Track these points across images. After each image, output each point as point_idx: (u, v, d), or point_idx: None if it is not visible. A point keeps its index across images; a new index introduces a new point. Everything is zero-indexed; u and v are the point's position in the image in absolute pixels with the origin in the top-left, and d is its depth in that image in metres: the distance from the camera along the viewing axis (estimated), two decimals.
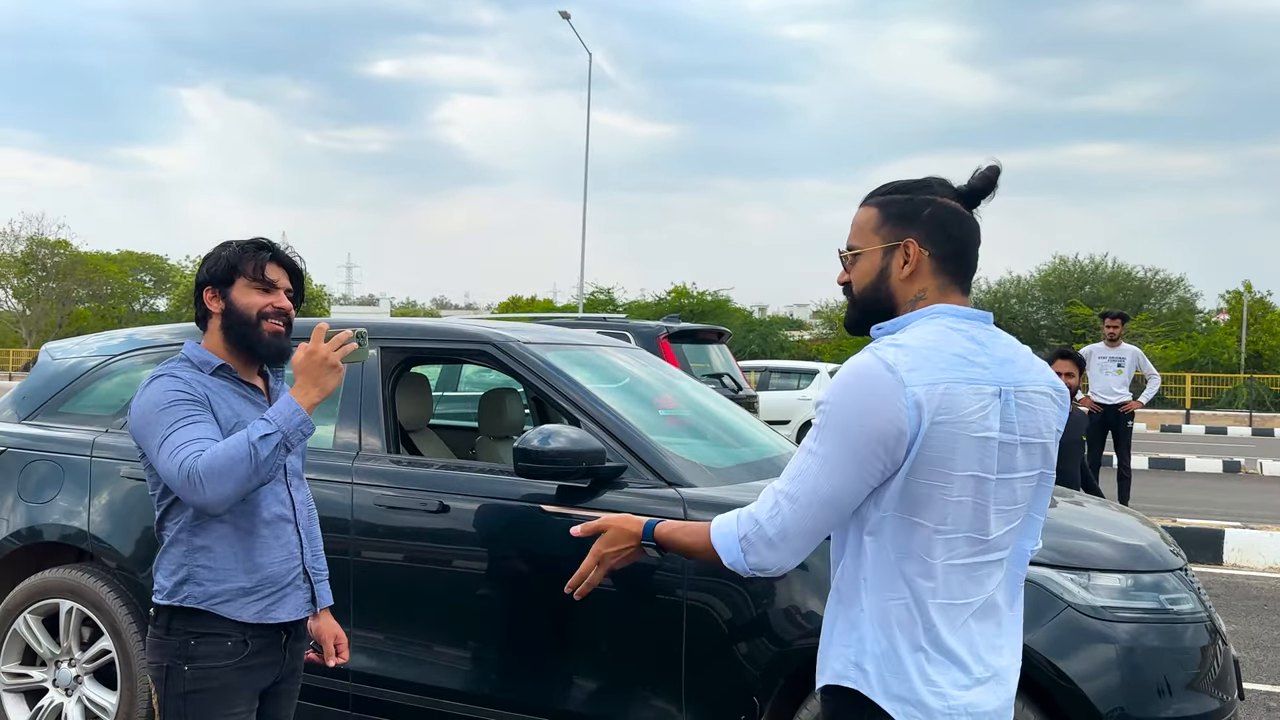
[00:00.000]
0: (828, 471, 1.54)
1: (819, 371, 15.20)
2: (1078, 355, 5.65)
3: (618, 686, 2.99)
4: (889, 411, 1.51)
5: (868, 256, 1.71)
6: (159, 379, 2.14)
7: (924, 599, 1.56)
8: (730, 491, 3.02)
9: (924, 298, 1.66)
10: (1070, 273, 38.14)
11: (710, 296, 38.13)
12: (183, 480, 1.99)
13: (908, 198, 1.69)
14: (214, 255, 2.24)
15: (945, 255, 1.66)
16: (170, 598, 2.14)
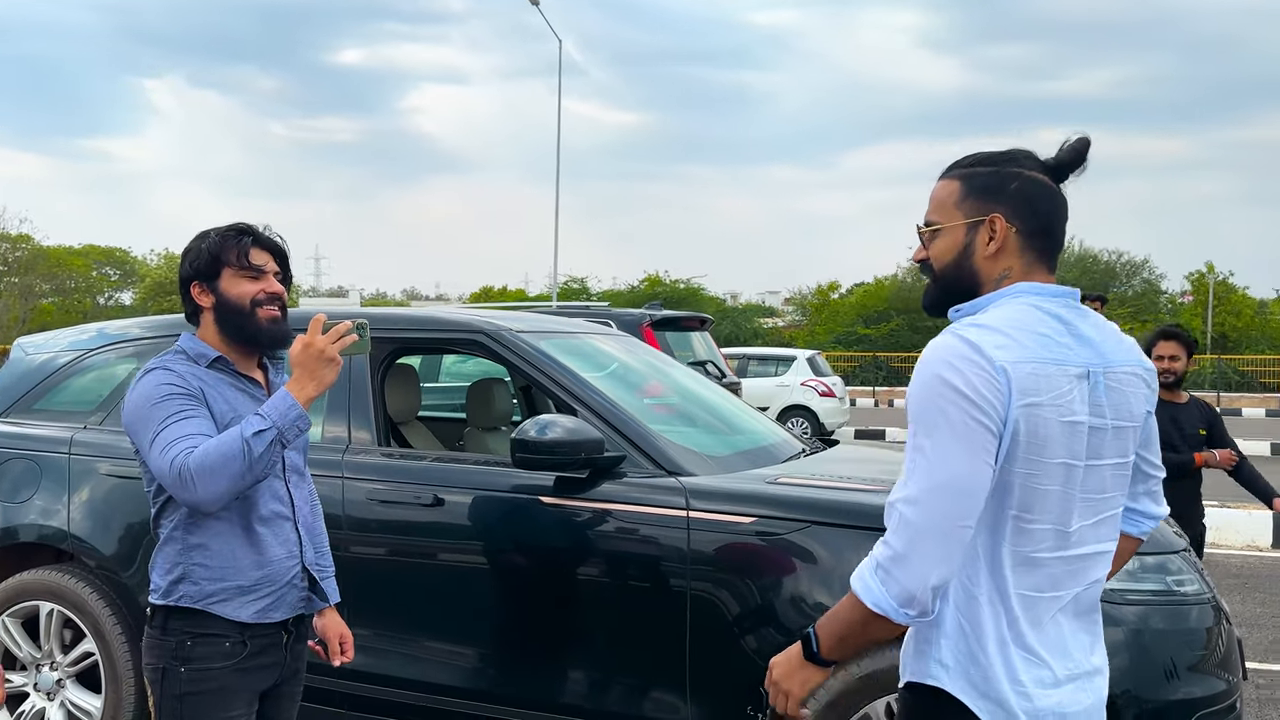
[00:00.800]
0: (939, 458, 1.44)
1: (796, 358, 15.23)
2: (1186, 336, 4.57)
3: (620, 680, 2.94)
4: (979, 383, 1.43)
5: (950, 232, 1.63)
6: (152, 372, 2.07)
7: (1009, 593, 1.50)
8: (732, 480, 2.98)
9: (1009, 276, 1.58)
10: None
11: (684, 284, 38.12)
12: (174, 478, 1.93)
13: (993, 170, 1.61)
14: (194, 248, 2.15)
15: (1032, 231, 1.58)
16: (166, 597, 2.07)
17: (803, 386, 14.49)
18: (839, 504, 2.82)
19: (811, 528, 2.77)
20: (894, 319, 36.30)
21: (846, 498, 2.86)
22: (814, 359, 15.37)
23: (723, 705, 2.82)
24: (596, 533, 2.97)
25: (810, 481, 3.00)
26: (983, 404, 1.43)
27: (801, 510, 2.80)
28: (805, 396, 14.32)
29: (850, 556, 2.72)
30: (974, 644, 1.50)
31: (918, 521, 1.43)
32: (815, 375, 14.81)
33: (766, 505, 2.84)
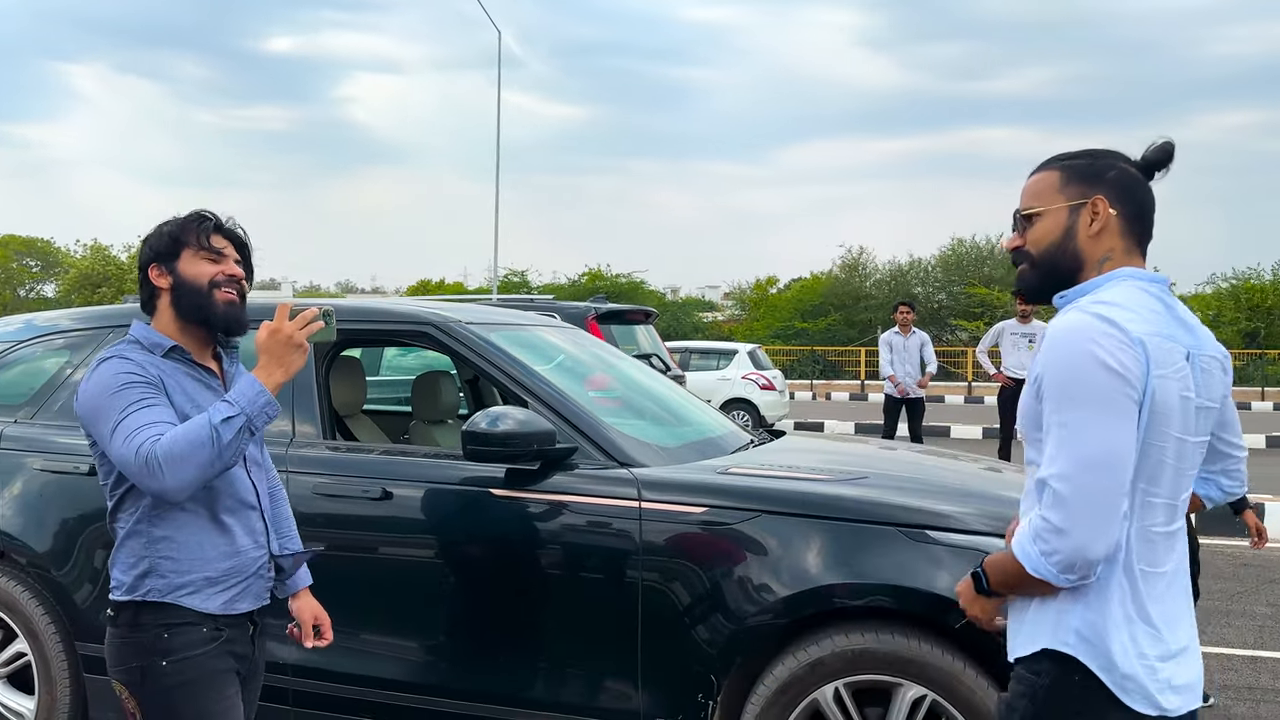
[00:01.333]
0: (1088, 432, 1.49)
1: (738, 352, 15.34)
2: None
3: (573, 671, 2.95)
4: (1123, 356, 1.50)
5: (1051, 215, 1.69)
6: (108, 361, 2.01)
7: (1134, 566, 1.56)
8: (683, 471, 3.00)
9: (1111, 258, 1.65)
10: (968, 254, 39.30)
11: (625, 279, 38.14)
12: (140, 466, 1.88)
13: (1091, 160, 1.70)
14: (155, 232, 2.12)
15: (1131, 216, 1.67)
16: (131, 592, 2.02)
17: (744, 380, 14.61)
18: (788, 493, 2.86)
19: (761, 517, 2.80)
20: (830, 313, 36.80)
21: (795, 487, 2.91)
22: (755, 353, 15.51)
23: (674, 693, 2.84)
24: (548, 525, 2.96)
25: (760, 472, 3.03)
26: (1128, 375, 1.49)
27: (752, 500, 2.84)
28: (746, 390, 14.45)
29: (799, 545, 2.76)
30: (1103, 617, 1.56)
31: (1073, 496, 1.49)
32: (756, 369, 14.95)
33: (717, 495, 2.87)
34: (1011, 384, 9.12)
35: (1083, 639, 1.57)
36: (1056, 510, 1.50)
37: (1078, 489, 1.49)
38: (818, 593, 2.72)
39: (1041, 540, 1.52)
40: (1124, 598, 1.56)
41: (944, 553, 2.69)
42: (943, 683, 2.62)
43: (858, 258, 39.57)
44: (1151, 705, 1.56)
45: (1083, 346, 1.51)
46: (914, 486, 3.04)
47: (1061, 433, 1.51)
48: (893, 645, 2.67)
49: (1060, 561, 1.51)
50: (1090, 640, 1.57)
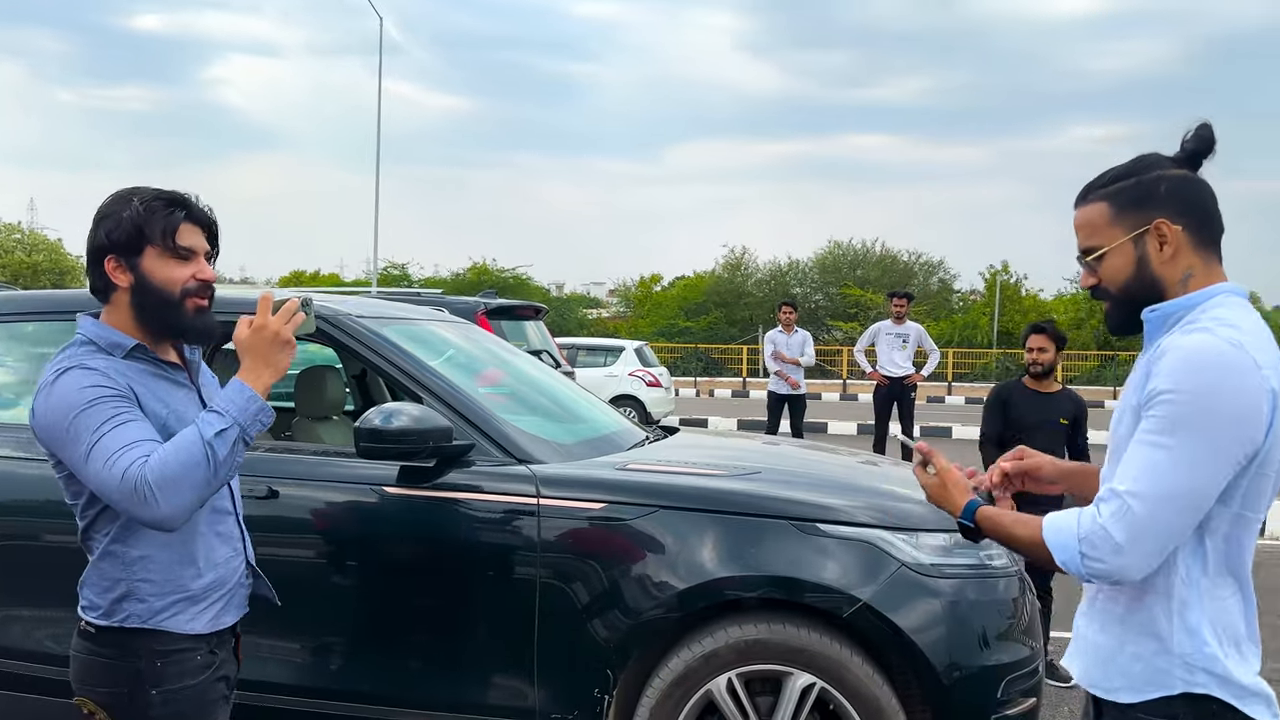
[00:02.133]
0: (1185, 466, 1.44)
1: (625, 349, 15.43)
2: (1055, 330, 4.86)
3: (467, 670, 2.92)
4: (1251, 395, 1.44)
5: (1117, 252, 1.62)
6: (69, 373, 1.76)
7: (1244, 593, 1.55)
8: (582, 468, 3.01)
9: (1193, 275, 1.59)
10: (844, 256, 40.58)
11: (510, 274, 37.82)
12: (128, 493, 1.67)
13: (1136, 180, 1.61)
14: (113, 215, 1.82)
15: (1198, 224, 1.59)
16: (108, 618, 1.82)
17: (630, 377, 14.70)
18: (686, 489, 2.91)
19: (659, 512, 2.84)
20: (712, 312, 37.40)
21: (692, 482, 2.95)
22: (642, 350, 15.62)
23: (570, 690, 2.85)
24: (444, 523, 2.93)
25: (658, 467, 3.07)
26: (1252, 428, 1.45)
27: (650, 495, 2.87)
28: (633, 386, 14.54)
29: (695, 539, 2.81)
30: (1221, 649, 1.52)
31: (1146, 522, 1.45)
32: (643, 366, 15.07)
33: (616, 491, 2.89)
34: (887, 382, 9.47)
35: (1213, 675, 1.53)
36: (1122, 529, 1.46)
37: (1153, 518, 1.45)
38: (713, 586, 2.77)
39: (1093, 549, 1.48)
40: (1235, 626, 1.55)
41: (833, 544, 2.78)
42: (831, 671, 2.72)
43: (740, 258, 40.36)
44: (1271, 709, 1.56)
45: (1220, 380, 1.45)
46: (803, 481, 3.13)
47: (1158, 454, 1.46)
48: (784, 636, 2.75)
49: (1102, 573, 1.49)
50: (1220, 675, 1.53)
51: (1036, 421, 4.70)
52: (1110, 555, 1.47)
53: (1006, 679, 2.77)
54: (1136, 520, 1.46)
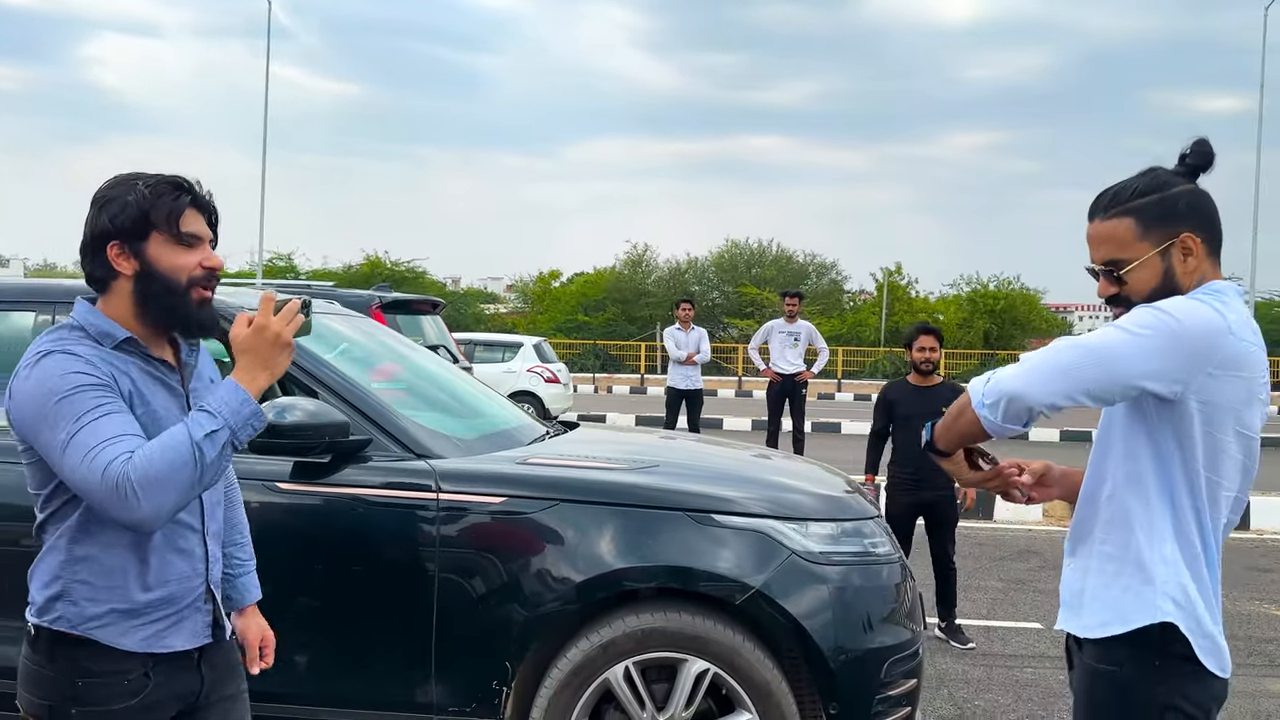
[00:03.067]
0: (1127, 344, 1.65)
1: (523, 345, 15.37)
2: (940, 331, 5.39)
3: (364, 666, 2.90)
4: (1216, 337, 1.66)
5: (1146, 264, 1.77)
6: (51, 356, 1.66)
7: (1209, 560, 1.74)
8: (482, 462, 3.03)
9: (1205, 278, 1.77)
10: (741, 255, 41.29)
11: (405, 267, 37.15)
12: (108, 491, 1.58)
13: (1158, 196, 1.77)
14: (116, 199, 1.73)
15: (1212, 235, 1.79)
16: (40, 615, 1.73)
17: (529, 373, 14.66)
18: (586, 482, 2.96)
19: (559, 506, 2.88)
20: (610, 308, 37.53)
21: (591, 476, 3.00)
22: (540, 346, 15.60)
23: (468, 683, 2.87)
24: (339, 518, 2.90)
25: (558, 462, 3.11)
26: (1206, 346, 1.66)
27: (550, 489, 2.91)
28: (531, 382, 14.51)
29: (594, 532, 2.86)
30: (1197, 583, 1.73)
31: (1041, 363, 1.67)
32: (541, 362, 15.05)
33: (517, 485, 2.92)
34: (779, 379, 9.71)
35: (1178, 605, 1.71)
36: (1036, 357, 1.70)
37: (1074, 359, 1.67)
38: (611, 577, 2.83)
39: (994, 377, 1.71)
40: (1209, 576, 1.74)
41: (726, 534, 2.87)
42: (724, 657, 2.81)
43: (641, 255, 40.59)
44: (1222, 667, 1.73)
45: (1195, 309, 1.68)
46: (699, 474, 3.22)
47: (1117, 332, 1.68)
48: (679, 624, 2.82)
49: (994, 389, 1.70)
50: (1184, 606, 1.71)
51: (919, 414, 5.02)
52: (1011, 372, 1.70)
53: (889, 661, 2.90)
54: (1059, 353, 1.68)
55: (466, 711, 2.86)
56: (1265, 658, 5.04)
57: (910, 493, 5.20)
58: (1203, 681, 1.72)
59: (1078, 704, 1.84)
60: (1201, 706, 1.72)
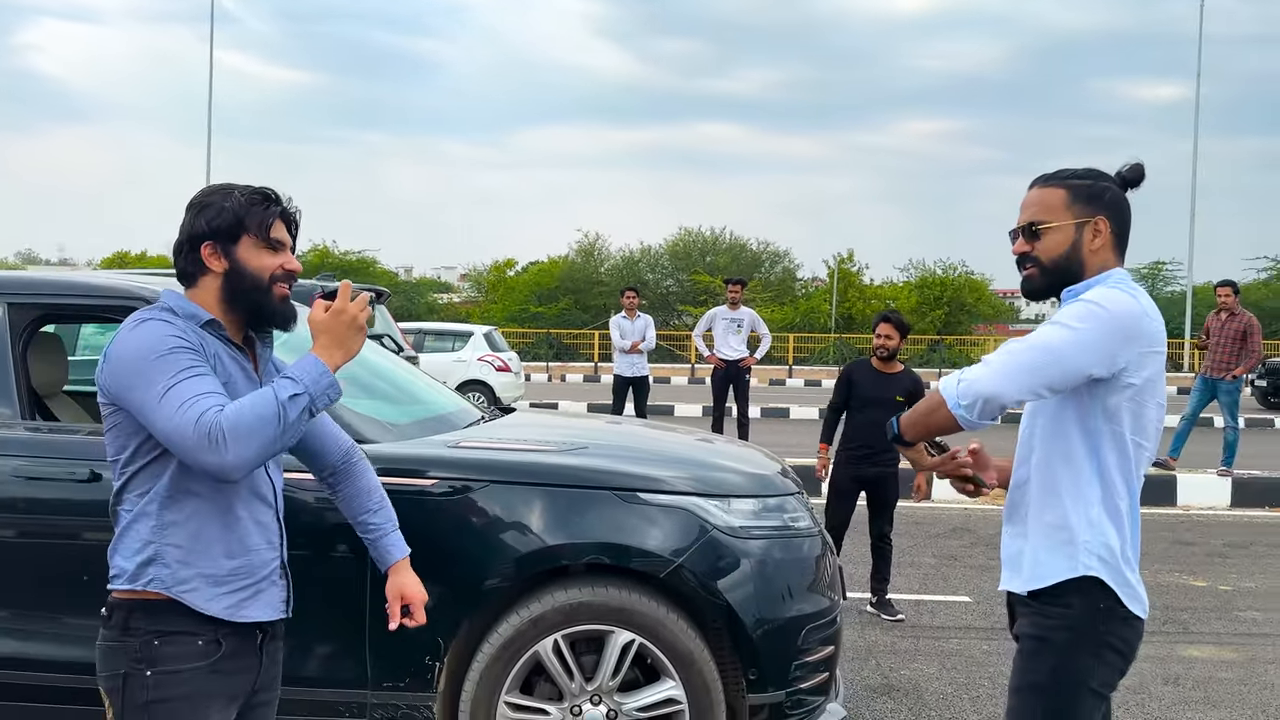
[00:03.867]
0: (1073, 340, 1.89)
1: (473, 334, 15.38)
2: (900, 319, 5.53)
3: (298, 647, 2.97)
4: (1138, 321, 1.92)
5: (1060, 230, 2.02)
6: (148, 323, 1.83)
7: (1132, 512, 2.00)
8: (414, 446, 3.11)
9: (1108, 265, 2.03)
10: (694, 243, 41.51)
11: (355, 256, 36.81)
12: (199, 437, 1.71)
13: (1091, 183, 2.04)
14: (214, 205, 1.92)
15: (1120, 231, 2.05)
16: (133, 582, 1.83)
17: (479, 362, 14.69)
18: (514, 464, 3.06)
19: (490, 486, 2.97)
20: (564, 298, 37.54)
21: (521, 458, 3.11)
22: (491, 335, 15.62)
23: (403, 660, 2.96)
24: None
25: (488, 444, 3.21)
26: (1132, 331, 1.92)
27: (480, 471, 3.00)
28: (482, 371, 14.54)
29: (523, 511, 2.96)
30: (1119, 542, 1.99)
31: (1022, 356, 1.90)
32: (492, 351, 15.07)
33: (448, 468, 3.01)
34: (724, 365, 9.87)
35: (1103, 561, 1.98)
36: (989, 360, 1.93)
37: (1031, 357, 1.91)
38: (540, 555, 2.94)
39: (965, 378, 1.92)
40: (1126, 530, 1.99)
41: (652, 511, 2.99)
42: (650, 628, 2.93)
43: (594, 244, 40.61)
44: (1143, 609, 2.02)
45: (1119, 299, 1.93)
46: (629, 455, 3.33)
47: (1057, 330, 1.91)
48: (606, 597, 2.94)
49: (968, 389, 1.91)
50: (1108, 561, 1.98)
51: (876, 397, 5.36)
52: (978, 372, 1.91)
53: (806, 628, 3.04)
54: (1016, 355, 1.91)
55: (401, 686, 2.95)
56: (1179, 625, 5.30)
57: (856, 467, 5.43)
58: (1128, 623, 2.00)
59: (1021, 647, 2.08)
60: (1127, 643, 2.01)
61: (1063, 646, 1.99)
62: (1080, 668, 1.98)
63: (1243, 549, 7.22)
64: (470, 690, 2.95)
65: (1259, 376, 19.06)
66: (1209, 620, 5.41)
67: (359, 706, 2.95)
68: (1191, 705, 4.17)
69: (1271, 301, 33.40)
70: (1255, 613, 5.58)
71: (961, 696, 4.21)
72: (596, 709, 2.94)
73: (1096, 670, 1.99)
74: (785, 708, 3.01)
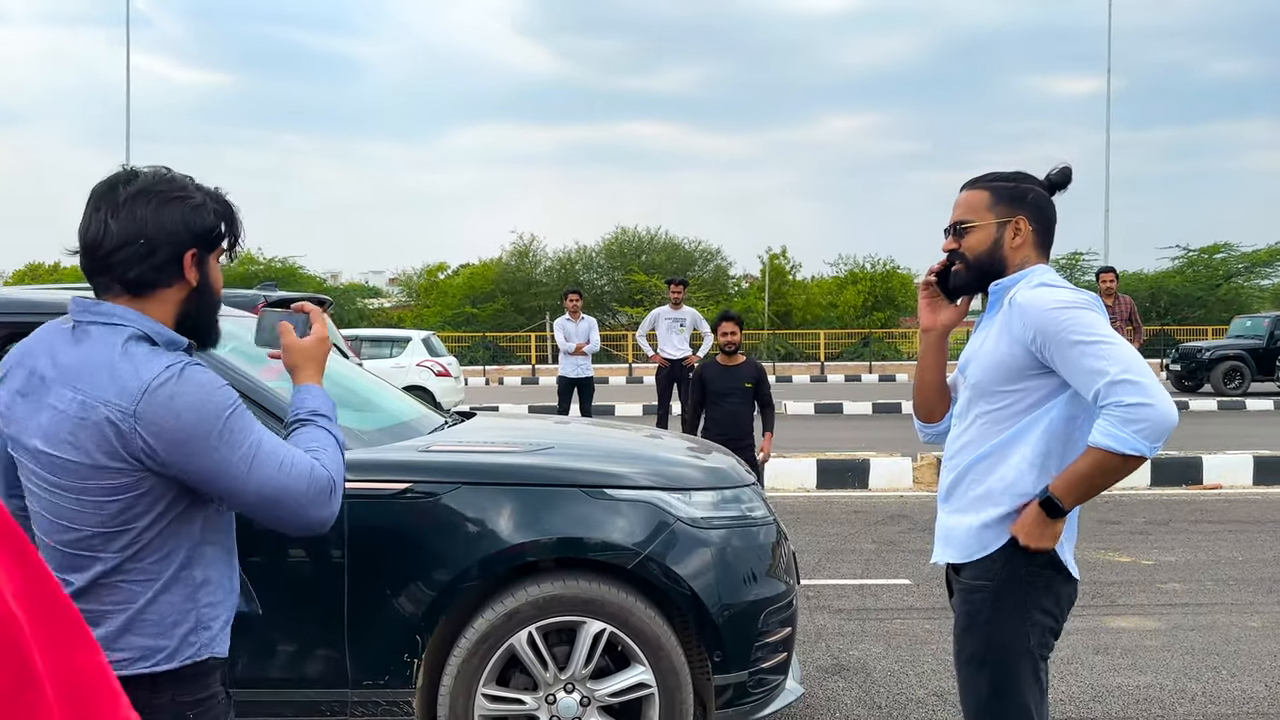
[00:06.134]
0: (1115, 343, 1.99)
1: (411, 339, 15.33)
2: (738, 316, 6.44)
3: (280, 650, 3.05)
4: (1091, 302, 2.06)
5: (984, 229, 2.17)
6: (191, 370, 1.55)
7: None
8: (385, 452, 3.21)
9: (1029, 261, 2.17)
10: (630, 242, 41.63)
11: (280, 263, 36.16)
12: (317, 492, 1.59)
13: (1015, 184, 2.18)
14: (195, 202, 1.61)
15: (1043, 231, 2.18)
16: (176, 658, 1.58)
17: (419, 367, 14.65)
18: (485, 465, 3.18)
19: (461, 488, 3.09)
20: (499, 299, 37.38)
21: (490, 460, 3.23)
22: (429, 339, 15.59)
23: (381, 658, 3.05)
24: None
25: (458, 447, 3.32)
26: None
27: (452, 473, 3.11)
28: (422, 377, 14.50)
29: (495, 510, 3.08)
30: None
31: (1145, 380, 1.94)
32: (431, 356, 15.05)
33: (418, 472, 3.11)
34: (667, 364, 10.05)
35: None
36: (1137, 393, 1.93)
37: (1146, 374, 1.95)
38: (512, 551, 3.06)
39: (1132, 422, 1.92)
40: None
41: (619, 506, 3.14)
42: (619, 617, 3.08)
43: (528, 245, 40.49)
44: (1072, 569, 2.16)
45: (1064, 297, 2.05)
46: (591, 453, 3.47)
47: (1104, 347, 1.97)
48: (577, 590, 3.08)
49: (1150, 430, 1.93)
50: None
51: (727, 389, 6.20)
52: (1148, 410, 1.93)
53: (765, 611, 3.22)
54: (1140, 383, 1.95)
55: (381, 684, 3.05)
56: (1106, 599, 5.62)
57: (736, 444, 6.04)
58: (1053, 587, 2.13)
59: (958, 622, 2.22)
60: (1057, 604, 2.15)
61: (993, 616, 2.12)
62: (1013, 634, 2.10)
63: (1162, 525, 7.63)
64: (448, 684, 3.06)
65: (1173, 360, 19.95)
66: (1134, 593, 5.75)
67: (340, 704, 3.04)
68: (1120, 672, 4.46)
69: (1185, 289, 34.83)
70: (1176, 584, 5.94)
71: (908, 673, 4.44)
72: (570, 697, 3.08)
73: (1029, 634, 2.10)
74: (748, 686, 3.18)
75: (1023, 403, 2.11)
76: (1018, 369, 2.09)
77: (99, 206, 1.59)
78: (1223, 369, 19.01)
